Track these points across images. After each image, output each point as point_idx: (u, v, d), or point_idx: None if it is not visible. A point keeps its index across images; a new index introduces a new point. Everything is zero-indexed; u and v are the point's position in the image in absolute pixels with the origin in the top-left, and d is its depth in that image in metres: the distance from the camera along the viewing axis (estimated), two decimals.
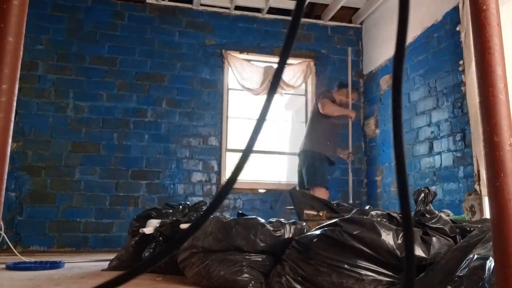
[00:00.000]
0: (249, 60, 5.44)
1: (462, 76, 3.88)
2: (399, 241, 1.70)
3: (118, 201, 4.77)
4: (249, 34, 5.49)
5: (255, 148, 0.49)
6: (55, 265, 2.83)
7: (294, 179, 5.35)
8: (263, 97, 5.14)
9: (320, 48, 5.67)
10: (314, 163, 4.29)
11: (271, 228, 2.06)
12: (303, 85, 5.62)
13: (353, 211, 2.29)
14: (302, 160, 4.41)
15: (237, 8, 5.45)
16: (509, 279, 0.60)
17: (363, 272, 1.68)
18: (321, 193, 4.11)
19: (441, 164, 4.14)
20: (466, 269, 1.36)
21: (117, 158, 4.86)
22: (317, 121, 4.44)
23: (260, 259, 1.99)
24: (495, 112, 0.64)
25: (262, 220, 2.13)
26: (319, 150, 4.31)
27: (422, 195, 2.06)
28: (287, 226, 2.09)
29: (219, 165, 5.12)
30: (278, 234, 2.04)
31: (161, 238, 2.59)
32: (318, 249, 1.78)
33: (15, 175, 4.50)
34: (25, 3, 0.56)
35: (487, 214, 3.50)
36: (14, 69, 0.55)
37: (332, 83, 5.65)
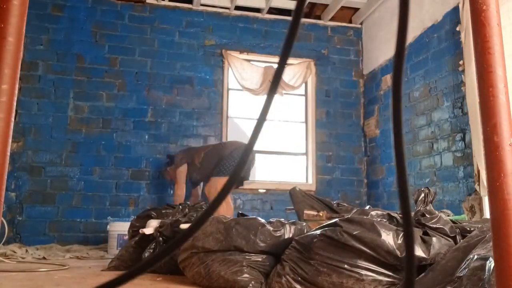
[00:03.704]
0: (249, 60, 5.44)
1: (462, 76, 3.88)
2: (399, 241, 1.70)
3: (118, 201, 4.77)
4: (249, 34, 5.49)
5: (255, 148, 0.49)
6: None
7: (294, 179, 5.36)
8: (263, 97, 5.14)
9: (320, 48, 5.68)
10: None
11: (271, 228, 2.06)
12: (303, 85, 5.62)
13: (353, 211, 2.29)
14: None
15: (237, 8, 5.45)
16: (509, 279, 0.60)
17: (363, 272, 1.68)
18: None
19: (441, 164, 4.14)
20: (466, 270, 1.36)
21: (117, 158, 4.86)
22: None
23: (260, 259, 1.99)
24: (495, 112, 0.64)
25: (262, 220, 2.13)
26: None
27: (422, 195, 2.06)
28: (287, 226, 2.09)
29: None
30: (278, 234, 2.04)
31: (161, 238, 2.59)
32: (318, 249, 1.78)
33: (15, 175, 4.50)
34: (25, 3, 0.56)
35: (487, 214, 3.50)
36: (14, 69, 0.55)
37: (332, 83, 5.66)
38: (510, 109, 0.66)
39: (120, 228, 3.83)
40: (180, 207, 3.11)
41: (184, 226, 2.51)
